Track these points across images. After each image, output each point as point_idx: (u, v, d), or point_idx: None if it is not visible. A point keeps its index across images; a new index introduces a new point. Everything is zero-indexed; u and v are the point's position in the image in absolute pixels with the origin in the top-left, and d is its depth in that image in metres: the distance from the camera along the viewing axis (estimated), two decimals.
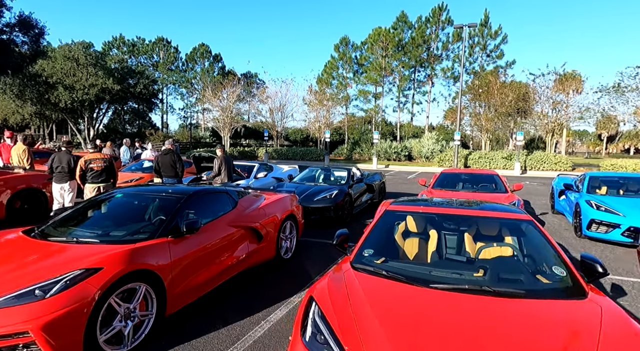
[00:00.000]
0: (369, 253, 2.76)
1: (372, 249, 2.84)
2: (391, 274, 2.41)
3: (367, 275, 2.44)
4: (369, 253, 2.76)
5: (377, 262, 2.68)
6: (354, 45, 37.29)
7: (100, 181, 6.84)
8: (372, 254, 2.77)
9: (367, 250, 2.80)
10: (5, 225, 6.84)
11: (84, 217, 3.86)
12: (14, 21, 15.06)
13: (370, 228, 3.13)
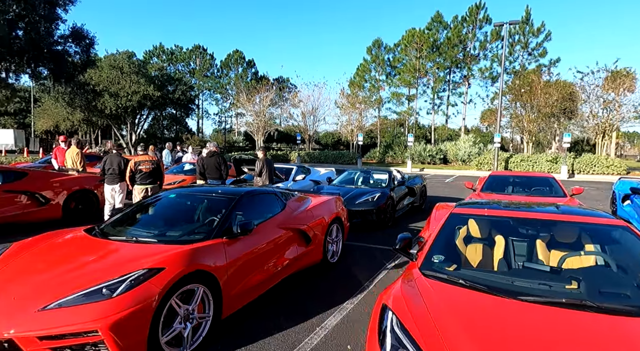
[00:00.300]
0: (439, 260, 2.56)
1: (442, 255, 2.64)
2: (470, 283, 2.21)
3: (441, 283, 2.25)
4: (439, 260, 2.56)
5: (449, 269, 2.49)
6: (387, 47, 36.89)
7: (148, 182, 7.05)
8: (443, 260, 2.57)
9: (437, 256, 2.61)
10: (61, 224, 7.19)
11: (140, 217, 3.92)
12: (68, 33, 16.04)
13: (437, 232, 2.92)
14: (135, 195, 7.09)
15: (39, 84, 25.51)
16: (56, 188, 7.23)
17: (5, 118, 49.38)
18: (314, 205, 4.87)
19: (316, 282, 4.46)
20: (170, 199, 4.09)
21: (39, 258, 2.96)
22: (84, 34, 16.33)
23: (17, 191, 6.66)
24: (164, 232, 3.48)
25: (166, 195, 4.13)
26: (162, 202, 4.08)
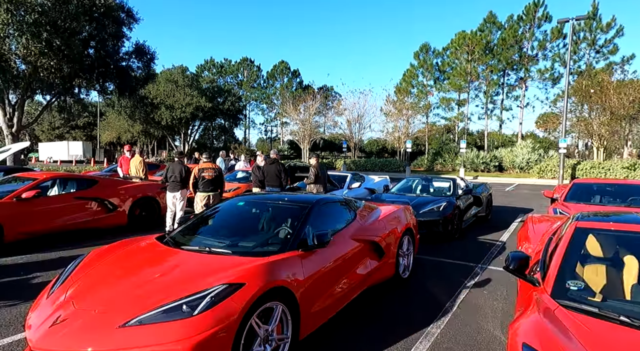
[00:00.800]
0: (579, 287, 2.07)
1: (577, 280, 2.14)
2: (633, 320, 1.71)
3: (595, 319, 1.77)
4: (578, 287, 2.07)
5: (594, 300, 1.99)
6: (435, 51, 35.77)
7: (210, 190, 7.09)
8: (583, 288, 2.08)
9: (573, 281, 2.12)
10: (127, 230, 7.43)
11: (210, 226, 3.77)
12: (132, 49, 17.10)
13: (564, 250, 2.42)
14: (197, 202, 7.16)
15: (106, 98, 27.50)
16: (123, 196, 7.48)
17: (76, 131, 54.18)
18: (385, 215, 4.49)
19: (391, 300, 4.05)
20: (239, 207, 3.92)
21: (116, 268, 2.85)
22: (146, 50, 17.33)
23: (88, 198, 6.95)
24: (236, 242, 3.27)
25: (234, 202, 3.97)
26: (231, 210, 3.91)
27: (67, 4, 12.03)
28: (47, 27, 11.88)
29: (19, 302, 3.92)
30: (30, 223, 6.11)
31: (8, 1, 10.71)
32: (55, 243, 6.30)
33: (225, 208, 3.95)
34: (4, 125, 14.58)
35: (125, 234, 7.13)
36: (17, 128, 14.70)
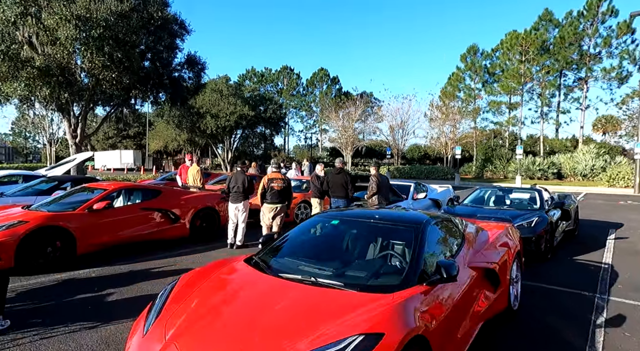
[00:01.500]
0: None
1: None
2: None
3: None
4: None
5: None
6: (484, 52, 34.04)
7: (278, 201, 6.83)
8: None
9: None
10: (188, 242, 7.27)
11: (302, 247, 3.33)
12: (183, 60, 17.52)
13: None
14: (264, 214, 6.92)
15: (157, 108, 28.60)
16: (185, 206, 7.33)
17: (127, 141, 57.34)
18: (495, 236, 3.84)
19: (512, 341, 3.38)
20: (333, 226, 3.44)
21: (215, 301, 2.46)
22: (197, 60, 17.69)
23: (153, 209, 6.83)
24: (341, 271, 2.79)
25: (326, 220, 3.50)
26: (324, 229, 3.45)
27: (129, 18, 12.46)
28: (110, 41, 12.33)
29: (99, 324, 3.68)
30: (100, 234, 6.04)
31: (76, 17, 11.23)
32: (121, 256, 6.19)
33: (316, 227, 3.49)
34: (69, 136, 15.35)
35: (188, 246, 6.96)
36: (80, 138, 15.42)
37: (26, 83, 12.45)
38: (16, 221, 5.25)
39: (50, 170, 11.17)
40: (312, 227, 3.55)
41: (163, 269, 5.60)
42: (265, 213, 6.86)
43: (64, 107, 14.81)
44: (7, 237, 5.05)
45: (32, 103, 15.08)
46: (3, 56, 11.28)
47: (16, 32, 12.06)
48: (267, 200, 6.80)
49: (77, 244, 5.72)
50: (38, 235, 5.32)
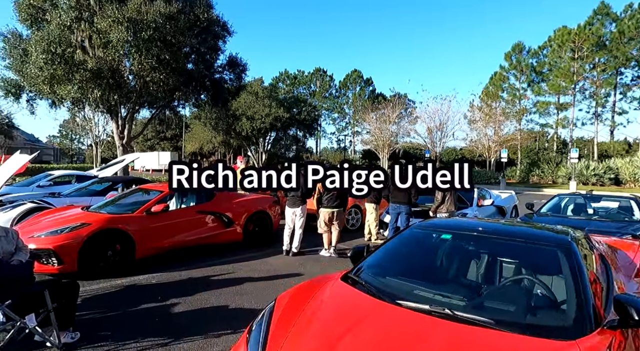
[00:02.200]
0: None
1: None
2: None
3: None
4: None
5: None
6: (530, 50, 32.18)
7: (335, 205, 6.51)
8: None
9: None
10: (241, 247, 6.96)
11: (406, 265, 2.83)
12: (225, 62, 17.54)
13: None
14: (321, 218, 6.57)
15: (196, 110, 29.06)
16: (238, 210, 7.03)
17: (164, 143, 59.27)
18: (633, 255, 3.17)
19: None
20: (441, 241, 2.91)
21: (325, 330, 2.00)
22: (238, 62, 17.65)
23: (207, 212, 6.57)
24: (478, 302, 2.26)
25: (434, 234, 2.97)
26: (433, 245, 2.93)
27: (176, 20, 12.51)
28: (158, 42, 12.42)
29: (170, 341, 3.35)
30: (158, 238, 5.83)
31: (128, 20, 11.38)
32: (176, 261, 5.94)
33: (422, 242, 2.98)
34: (116, 137, 15.71)
35: (241, 251, 6.63)
36: (127, 139, 15.74)
37: (79, 85, 12.77)
38: (79, 223, 5.10)
39: (101, 171, 11.32)
40: (412, 240, 3.03)
41: (223, 277, 5.28)
42: (322, 218, 6.53)
43: (112, 109, 15.15)
44: (71, 239, 4.90)
45: (83, 106, 15.57)
46: (60, 59, 11.60)
47: (71, 35, 12.39)
48: (324, 205, 6.51)
49: (136, 248, 5.52)
50: (100, 238, 5.14)
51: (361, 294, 2.41)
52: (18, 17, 13.48)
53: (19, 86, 14.55)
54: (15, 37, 14.17)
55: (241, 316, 3.86)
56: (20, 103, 14.95)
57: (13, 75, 14.63)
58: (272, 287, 4.82)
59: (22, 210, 6.89)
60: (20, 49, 13.72)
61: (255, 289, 4.76)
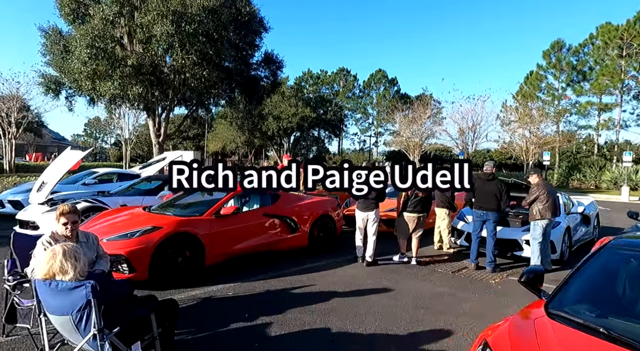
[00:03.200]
0: None
1: None
2: None
3: None
4: None
5: None
6: (570, 48, 30.61)
7: (420, 210, 5.97)
8: None
9: None
10: (307, 253, 6.36)
11: (631, 300, 2.12)
12: (261, 58, 17.09)
13: None
14: (404, 223, 6.02)
15: (227, 108, 28.76)
16: (305, 213, 6.45)
17: (187, 142, 59.70)
18: None
19: None
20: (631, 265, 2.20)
21: None
22: (274, 58, 17.16)
23: (273, 215, 6.00)
24: None
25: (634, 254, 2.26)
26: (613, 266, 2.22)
27: (219, 13, 12.09)
28: (201, 37, 12.02)
29: None
30: (227, 243, 5.29)
31: (172, 13, 11.01)
32: (241, 270, 5.40)
33: (633, 267, 2.27)
34: (152, 135, 15.45)
35: (308, 259, 6.04)
36: (164, 137, 15.45)
37: (119, 82, 12.49)
38: (149, 226, 4.60)
39: (144, 169, 10.98)
40: (617, 264, 2.33)
41: (303, 290, 4.68)
42: (406, 223, 5.97)
43: (149, 106, 14.88)
44: (143, 244, 4.40)
45: (120, 103, 15.39)
46: (103, 54, 11.33)
47: (113, 30, 12.13)
48: (409, 209, 5.97)
49: (206, 254, 4.99)
50: (171, 243, 4.64)
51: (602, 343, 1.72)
52: (60, 12, 13.35)
53: (58, 83, 14.44)
54: (56, 33, 14.07)
55: (351, 344, 3.27)
56: (60, 100, 14.85)
57: (53, 72, 14.53)
58: (366, 306, 4.20)
59: None
60: (61, 45, 13.59)
61: (349, 307, 4.14)
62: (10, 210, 8.52)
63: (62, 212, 3.23)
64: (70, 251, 2.28)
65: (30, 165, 24.17)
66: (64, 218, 3.22)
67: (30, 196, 6.84)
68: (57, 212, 3.25)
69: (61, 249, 2.26)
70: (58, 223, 3.24)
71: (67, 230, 3.23)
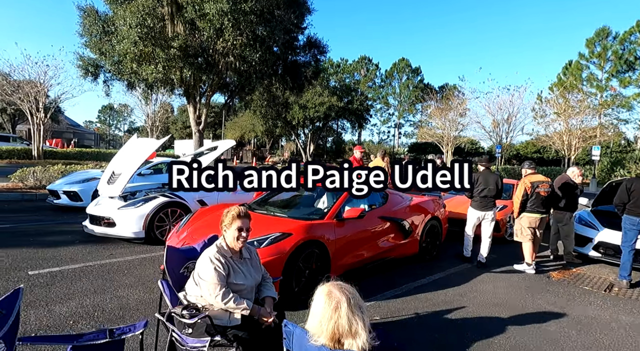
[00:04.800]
0: None
1: None
2: None
3: None
4: None
5: None
6: (617, 36, 28.78)
7: (544, 211, 5.47)
8: None
9: None
10: (414, 262, 5.53)
11: None
12: (303, 43, 16.05)
13: None
14: (523, 226, 5.47)
15: (270, 95, 27.48)
16: (416, 215, 5.60)
17: None
18: None
19: None
20: None
21: None
22: (317, 43, 16.13)
23: (388, 218, 5.15)
24: None
25: None
26: None
27: None
28: (253, 16, 11.07)
29: None
30: (349, 252, 4.48)
31: None
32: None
33: None
34: (192, 123, 14.67)
35: (418, 268, 5.21)
36: (204, 125, 14.65)
37: (164, 65, 11.65)
38: (278, 233, 3.78)
39: None
40: None
41: (459, 314, 3.83)
42: (525, 226, 5.48)
43: (190, 91, 14.05)
44: (275, 255, 3.60)
45: (160, 87, 14.56)
46: (153, 33, 10.45)
47: (161, 9, 11.23)
48: (530, 209, 5.48)
49: (331, 266, 4.17)
50: (301, 253, 3.82)
51: None
52: None
53: (97, 65, 13.66)
54: (93, 13, 13.23)
55: None
56: (98, 84, 14.09)
57: (91, 54, 13.73)
58: (557, 343, 3.34)
59: (156, 205, 5.72)
60: (99, 25, 12.76)
61: (540, 344, 3.29)
62: (66, 201, 7.83)
63: (238, 214, 2.43)
64: (354, 298, 1.46)
65: (58, 152, 23.65)
66: (240, 222, 2.42)
67: (100, 188, 6.09)
68: (228, 214, 2.45)
69: (344, 296, 1.44)
70: (228, 229, 2.44)
71: (240, 241, 2.43)
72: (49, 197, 8.21)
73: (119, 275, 4.40)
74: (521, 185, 5.56)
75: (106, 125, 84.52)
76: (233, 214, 2.43)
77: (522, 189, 5.49)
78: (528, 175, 5.66)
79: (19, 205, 8.36)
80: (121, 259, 5.01)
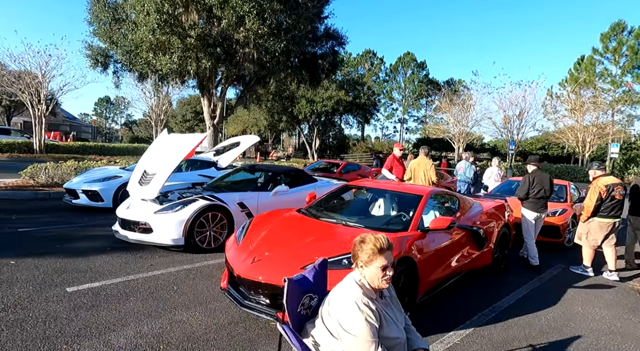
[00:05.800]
0: None
1: None
2: None
3: None
4: None
5: None
6: (633, 31, 28.21)
7: (618, 215, 5.11)
8: None
9: None
10: (484, 274, 4.97)
11: None
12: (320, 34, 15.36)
13: None
14: (595, 230, 5.11)
15: (284, 87, 26.73)
16: (491, 223, 5.05)
17: (203, 124, 58.04)
18: None
19: None
20: None
21: None
22: (336, 34, 15.45)
23: (466, 227, 4.58)
24: None
25: None
26: None
27: None
28: (277, 3, 10.37)
29: None
30: (435, 267, 3.91)
31: None
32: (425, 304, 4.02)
33: None
34: (207, 116, 13.99)
35: (492, 282, 4.65)
36: (218, 119, 13.98)
37: (180, 55, 10.94)
38: None
39: (219, 157, 9.54)
40: None
41: (577, 348, 3.28)
42: (597, 230, 5.12)
43: (205, 84, 13.34)
44: None
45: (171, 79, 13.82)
46: (172, 21, 9.73)
47: None
48: (604, 213, 5.12)
49: (419, 285, 3.60)
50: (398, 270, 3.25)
51: None
52: None
53: (106, 55, 12.91)
54: None
55: None
56: (108, 75, 13.35)
57: (101, 43, 12.97)
58: None
59: (196, 209, 5.10)
60: (110, 12, 12.00)
61: None
62: (85, 201, 7.19)
63: (380, 248, 1.85)
64: None
65: (59, 145, 22.82)
66: (383, 259, 1.85)
67: (130, 189, 5.46)
68: (364, 248, 1.87)
69: None
70: (366, 267, 1.86)
71: (385, 281, 1.86)
72: (66, 196, 7.56)
73: (169, 293, 3.81)
74: (594, 188, 5.12)
75: (103, 118, 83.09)
76: (373, 249, 1.84)
77: (596, 193, 5.06)
78: (599, 177, 5.22)
79: (33, 205, 7.71)
80: (164, 271, 4.41)
